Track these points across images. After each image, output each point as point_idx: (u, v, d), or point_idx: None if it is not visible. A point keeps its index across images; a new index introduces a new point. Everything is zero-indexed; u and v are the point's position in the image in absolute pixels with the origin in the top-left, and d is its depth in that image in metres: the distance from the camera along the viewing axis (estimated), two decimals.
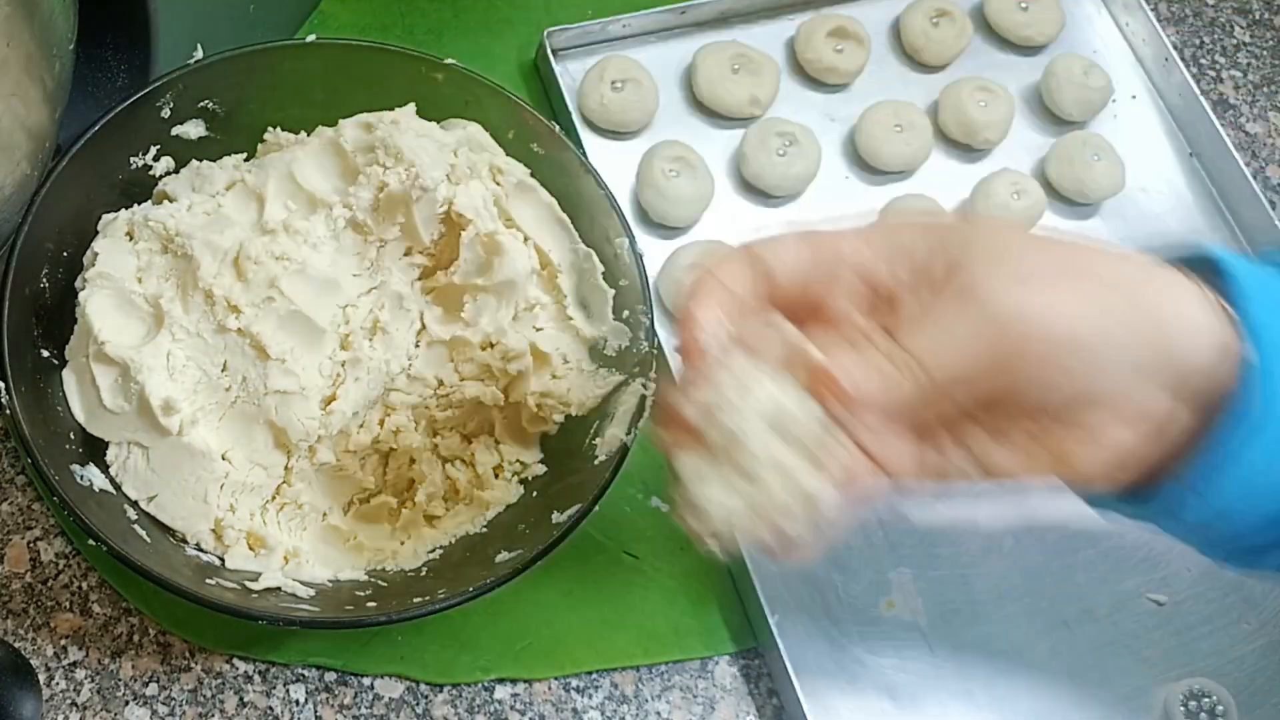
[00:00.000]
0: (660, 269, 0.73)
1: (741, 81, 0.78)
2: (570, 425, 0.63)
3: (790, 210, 0.78)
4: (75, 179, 0.59)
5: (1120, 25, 0.87)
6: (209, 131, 0.64)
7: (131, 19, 0.60)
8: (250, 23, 0.70)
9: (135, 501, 0.58)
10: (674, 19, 0.81)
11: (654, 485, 0.70)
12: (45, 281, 0.59)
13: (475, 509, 0.62)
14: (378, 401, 0.61)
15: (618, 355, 0.63)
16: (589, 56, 0.79)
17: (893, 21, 0.84)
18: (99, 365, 0.58)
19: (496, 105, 0.65)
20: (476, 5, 0.81)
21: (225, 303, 0.58)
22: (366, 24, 0.79)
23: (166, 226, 0.59)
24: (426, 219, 0.61)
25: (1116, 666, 0.68)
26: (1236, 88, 0.88)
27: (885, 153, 0.78)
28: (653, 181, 0.74)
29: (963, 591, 0.69)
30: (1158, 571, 0.71)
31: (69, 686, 0.62)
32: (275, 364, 0.58)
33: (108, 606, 0.64)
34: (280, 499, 0.60)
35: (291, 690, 0.63)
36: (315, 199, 0.61)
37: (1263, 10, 0.91)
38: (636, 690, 0.66)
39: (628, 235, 0.63)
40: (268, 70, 0.64)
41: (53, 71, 0.54)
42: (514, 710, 0.64)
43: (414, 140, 0.61)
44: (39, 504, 0.65)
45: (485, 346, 0.63)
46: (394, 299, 0.62)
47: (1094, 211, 0.81)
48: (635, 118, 0.77)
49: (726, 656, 0.67)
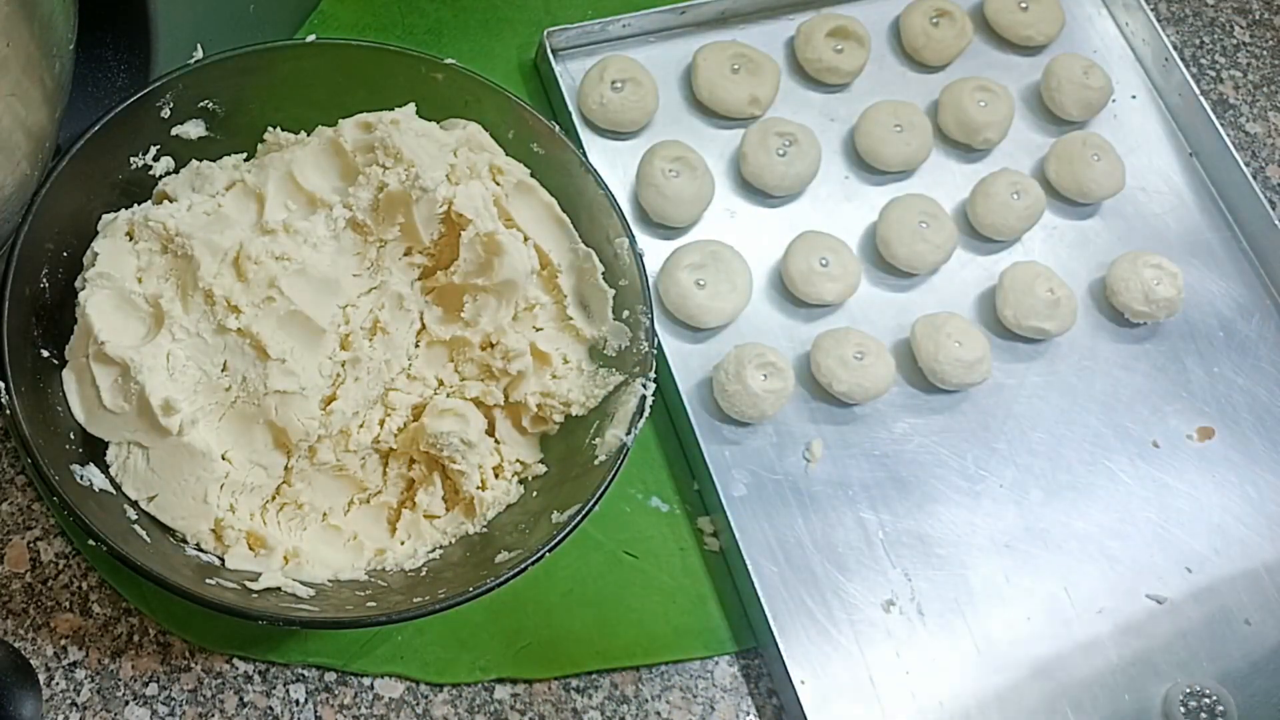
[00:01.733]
0: (660, 269, 0.74)
1: (741, 81, 0.78)
2: (570, 425, 0.63)
3: (790, 210, 0.78)
4: (75, 179, 0.59)
5: (1120, 25, 0.87)
6: (209, 131, 0.64)
7: (131, 19, 0.60)
8: (250, 23, 0.70)
9: (135, 501, 0.58)
10: (674, 19, 0.81)
11: (654, 485, 0.70)
12: (45, 281, 0.59)
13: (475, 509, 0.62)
14: (378, 401, 0.61)
15: (618, 355, 0.63)
16: (589, 56, 0.79)
17: (893, 21, 0.84)
18: (99, 365, 0.58)
19: (496, 105, 0.65)
20: (476, 5, 0.81)
21: (225, 303, 0.58)
22: (366, 24, 0.79)
23: (166, 226, 0.59)
24: (426, 219, 0.61)
25: (1117, 666, 0.68)
26: (1236, 88, 0.88)
27: (885, 153, 0.78)
28: (653, 181, 0.74)
29: (963, 591, 0.69)
30: (1158, 571, 0.71)
31: (69, 686, 0.62)
32: (275, 364, 0.58)
33: (108, 606, 0.64)
34: (280, 499, 0.60)
35: (291, 690, 0.63)
36: (315, 199, 0.61)
37: (1263, 10, 0.91)
38: (636, 690, 0.66)
39: (628, 235, 0.63)
40: (268, 70, 0.64)
41: (53, 71, 0.54)
42: (514, 710, 0.64)
43: (414, 140, 0.61)
44: (39, 504, 0.65)
45: (485, 346, 0.63)
46: (394, 299, 0.62)
47: (1094, 211, 0.81)
48: (635, 118, 0.77)
49: (726, 656, 0.67)
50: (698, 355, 0.73)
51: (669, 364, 0.71)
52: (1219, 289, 0.80)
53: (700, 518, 0.69)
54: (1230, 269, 0.80)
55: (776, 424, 0.71)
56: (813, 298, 0.74)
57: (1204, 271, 0.80)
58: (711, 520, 0.69)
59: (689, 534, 0.69)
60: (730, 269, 0.73)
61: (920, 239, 0.75)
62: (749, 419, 0.70)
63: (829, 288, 0.74)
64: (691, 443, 0.69)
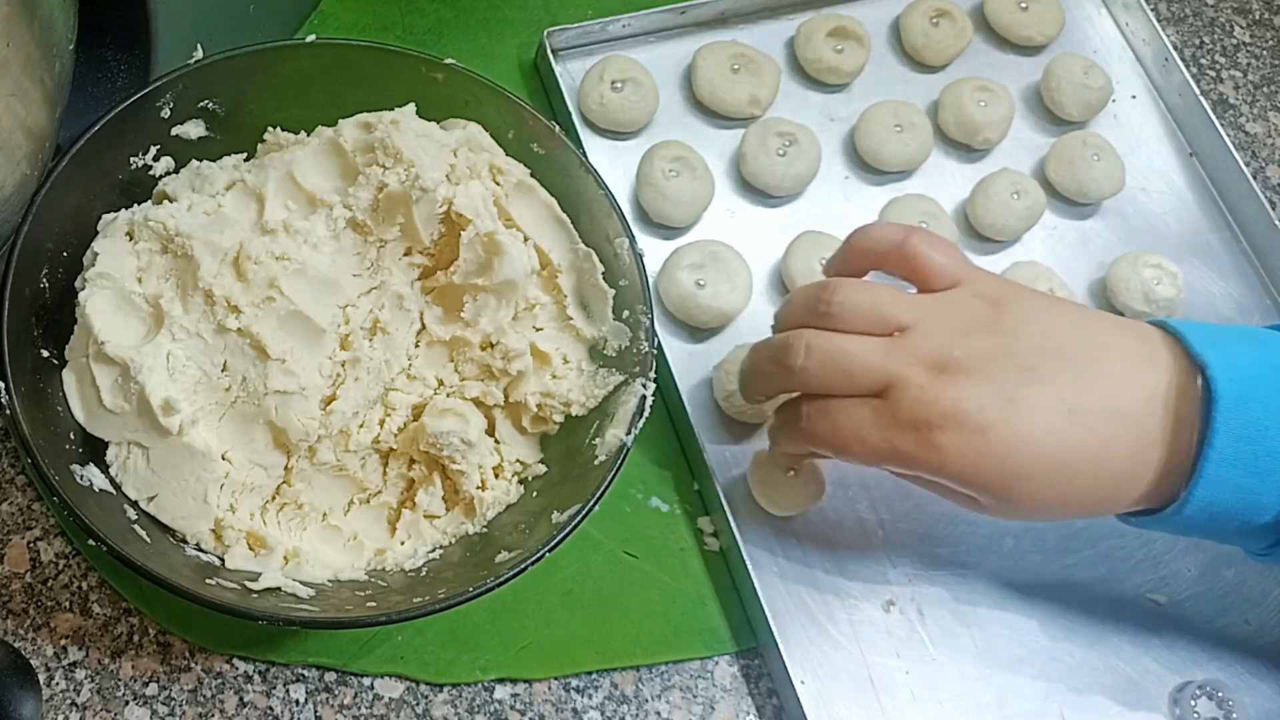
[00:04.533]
0: (660, 269, 0.74)
1: (741, 81, 0.78)
2: (570, 425, 0.63)
3: (790, 210, 0.78)
4: (75, 179, 0.59)
5: (1120, 25, 0.87)
6: (209, 131, 0.64)
7: (131, 19, 0.60)
8: (250, 23, 0.70)
9: (135, 501, 0.58)
10: (674, 19, 0.81)
11: (654, 485, 0.70)
12: (45, 281, 0.59)
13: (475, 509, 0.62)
14: (378, 401, 0.61)
15: (618, 355, 0.63)
16: (589, 56, 0.79)
17: (893, 21, 0.84)
18: (99, 365, 0.58)
19: (496, 105, 0.65)
20: (476, 5, 0.81)
21: (225, 303, 0.58)
22: (366, 24, 0.79)
23: (166, 226, 0.59)
24: (426, 219, 0.61)
25: (1117, 667, 0.68)
26: (1236, 88, 0.88)
27: (885, 153, 0.78)
28: (653, 181, 0.74)
29: (963, 591, 0.69)
30: (1158, 571, 0.71)
31: (69, 686, 0.62)
32: (275, 364, 0.58)
33: (108, 606, 0.64)
34: (280, 499, 0.60)
35: (291, 690, 0.63)
36: (315, 199, 0.61)
37: (1263, 10, 0.91)
38: (636, 690, 0.66)
39: (628, 235, 0.63)
40: (268, 70, 0.64)
41: (53, 71, 0.54)
42: (514, 710, 0.64)
43: (414, 140, 0.61)
44: (39, 504, 0.65)
45: (485, 346, 0.63)
46: (394, 299, 0.62)
47: (1094, 211, 0.81)
48: (635, 118, 0.77)
49: (726, 656, 0.67)
50: (698, 355, 0.73)
51: (669, 364, 0.71)
52: (1219, 289, 0.80)
53: (700, 518, 0.69)
54: (1230, 269, 0.80)
55: None
56: None
57: (1204, 271, 0.80)
58: (711, 520, 0.69)
59: (689, 534, 0.69)
60: (730, 269, 0.73)
61: None
62: (749, 419, 0.70)
63: None
64: (691, 443, 0.69)
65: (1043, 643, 0.68)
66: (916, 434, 0.57)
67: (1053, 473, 0.58)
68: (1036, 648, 0.68)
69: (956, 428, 0.57)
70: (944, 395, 0.57)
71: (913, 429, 0.58)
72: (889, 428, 0.58)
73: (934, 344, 0.59)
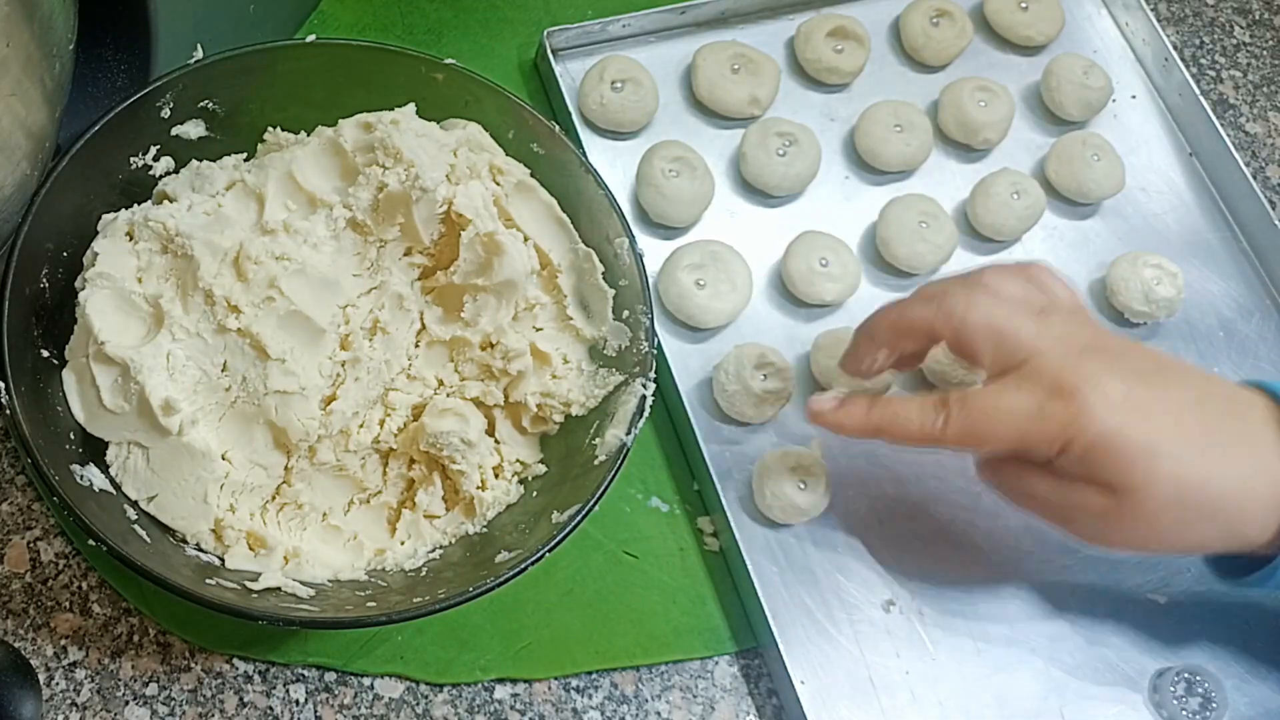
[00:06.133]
0: (660, 269, 0.74)
1: (741, 81, 0.78)
2: (570, 425, 0.63)
3: (790, 210, 0.78)
4: (75, 179, 0.59)
5: (1120, 25, 0.87)
6: (209, 131, 0.64)
7: (131, 19, 0.60)
8: (250, 23, 0.70)
9: (135, 501, 0.58)
10: (674, 19, 0.81)
11: (654, 485, 0.70)
12: (45, 281, 0.59)
13: (475, 509, 0.62)
14: (378, 401, 0.61)
15: (618, 355, 0.63)
16: (589, 56, 0.79)
17: (893, 21, 0.84)
18: (99, 365, 0.58)
19: (496, 105, 0.65)
20: (476, 5, 0.81)
21: (225, 303, 0.58)
22: (366, 24, 0.79)
23: (166, 226, 0.59)
24: (426, 219, 0.61)
25: (1117, 666, 0.68)
26: (1236, 88, 0.88)
27: (885, 153, 0.78)
28: (653, 181, 0.74)
29: (963, 591, 0.69)
30: (1158, 571, 0.71)
31: (69, 686, 0.62)
32: (275, 364, 0.58)
33: (108, 606, 0.64)
34: (280, 499, 0.60)
35: (291, 690, 0.63)
36: (315, 199, 0.61)
37: (1263, 10, 0.91)
38: (636, 690, 0.66)
39: (628, 235, 0.63)
40: (268, 70, 0.64)
41: (53, 71, 0.54)
42: (514, 710, 0.64)
43: (414, 140, 0.61)
44: (39, 504, 0.65)
45: (485, 346, 0.63)
46: (394, 299, 0.62)
47: (1094, 211, 0.81)
48: (635, 118, 0.77)
49: (726, 656, 0.67)
50: (698, 355, 0.73)
51: (669, 364, 0.71)
52: (1219, 289, 0.80)
53: (700, 518, 0.69)
54: (1230, 269, 0.80)
55: (776, 424, 0.71)
56: (813, 298, 0.74)
57: (1204, 271, 0.80)
58: (711, 520, 0.69)
59: (689, 534, 0.69)
60: (730, 269, 0.73)
61: (920, 239, 0.75)
62: (749, 419, 0.70)
63: (829, 288, 0.74)
64: (691, 443, 0.69)
65: (1043, 643, 0.68)
66: (1063, 398, 0.58)
67: (1193, 451, 0.57)
68: (1036, 648, 0.68)
69: (1100, 387, 0.57)
70: (1085, 364, 0.58)
71: (1058, 392, 0.58)
72: (1036, 392, 0.58)
73: (1085, 336, 0.60)
